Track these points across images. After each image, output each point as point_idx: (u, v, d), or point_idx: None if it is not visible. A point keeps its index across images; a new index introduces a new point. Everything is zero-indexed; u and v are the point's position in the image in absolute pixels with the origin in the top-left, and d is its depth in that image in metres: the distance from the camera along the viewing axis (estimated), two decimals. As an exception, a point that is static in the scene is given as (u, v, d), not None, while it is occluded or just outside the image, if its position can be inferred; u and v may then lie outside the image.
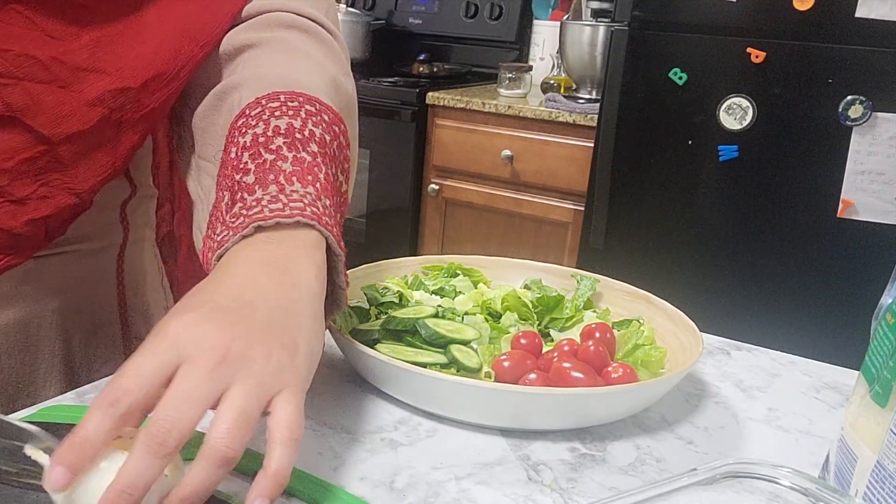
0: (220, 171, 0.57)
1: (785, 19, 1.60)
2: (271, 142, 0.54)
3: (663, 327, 0.70)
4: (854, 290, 1.62)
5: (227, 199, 0.54)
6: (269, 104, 0.56)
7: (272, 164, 0.52)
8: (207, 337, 0.42)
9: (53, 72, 0.57)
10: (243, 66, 0.61)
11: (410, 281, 0.76)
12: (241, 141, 0.55)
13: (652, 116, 1.77)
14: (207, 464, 0.40)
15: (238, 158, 0.54)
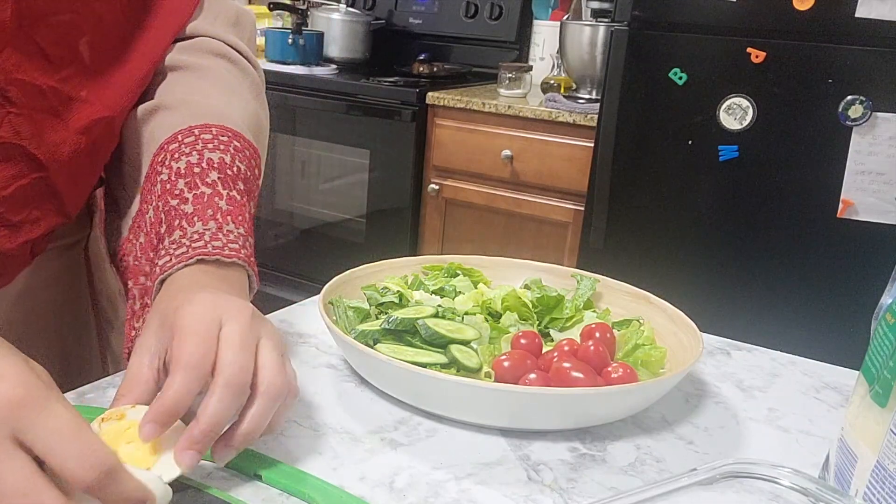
0: (149, 187, 0.61)
1: (785, 19, 1.60)
2: (207, 175, 0.59)
3: (663, 327, 0.70)
4: (854, 290, 1.62)
5: (164, 223, 0.58)
6: (202, 135, 0.61)
7: (209, 198, 0.58)
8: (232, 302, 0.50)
9: (51, 100, 0.59)
10: (174, 88, 0.65)
11: (410, 281, 0.76)
12: (174, 166, 0.60)
13: (652, 116, 1.77)
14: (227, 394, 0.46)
15: (172, 183, 0.59)
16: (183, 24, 0.67)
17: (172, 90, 0.65)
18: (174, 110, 0.63)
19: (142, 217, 0.61)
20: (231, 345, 0.47)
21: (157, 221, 0.59)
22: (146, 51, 0.65)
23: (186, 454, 0.45)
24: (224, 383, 0.46)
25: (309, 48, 2.51)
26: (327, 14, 2.64)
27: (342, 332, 0.62)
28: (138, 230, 0.61)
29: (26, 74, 0.57)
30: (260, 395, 0.47)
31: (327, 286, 0.70)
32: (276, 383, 0.48)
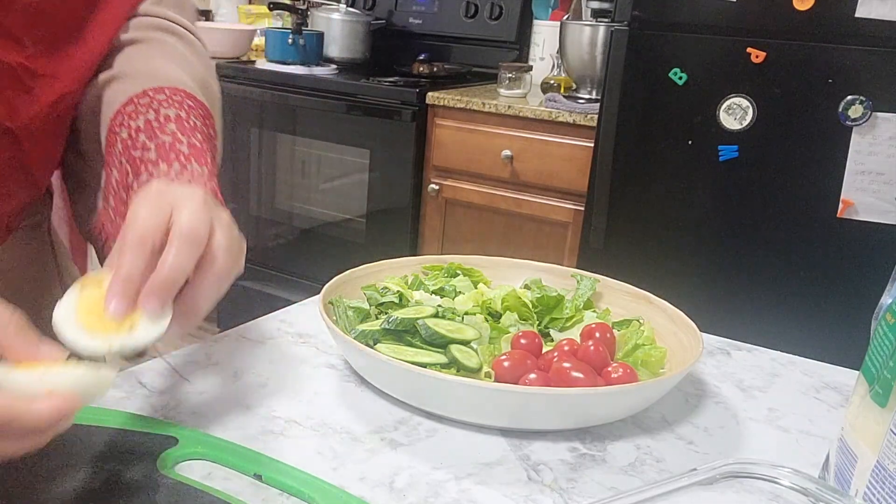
0: (110, 150, 0.64)
1: (785, 19, 1.60)
2: (164, 127, 0.62)
3: (663, 327, 0.70)
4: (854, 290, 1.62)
5: (130, 174, 0.61)
6: (156, 96, 0.64)
7: (171, 145, 0.61)
8: (182, 188, 0.54)
9: (22, 77, 0.62)
10: (126, 59, 0.68)
11: (410, 281, 0.76)
12: (132, 124, 0.63)
13: (652, 116, 1.77)
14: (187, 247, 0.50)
15: (133, 139, 0.62)
16: (131, 12, 0.70)
17: (125, 62, 0.68)
18: (127, 79, 0.66)
19: (108, 181, 0.64)
20: (186, 210, 0.51)
21: (124, 175, 0.62)
22: (103, 28, 0.68)
23: (150, 299, 0.48)
24: (179, 234, 0.50)
25: (309, 48, 2.51)
26: (327, 14, 2.64)
27: (342, 332, 0.62)
28: (108, 195, 0.64)
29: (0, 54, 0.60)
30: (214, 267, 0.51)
31: (327, 286, 0.70)
32: (225, 263, 0.51)
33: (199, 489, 0.48)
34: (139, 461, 0.49)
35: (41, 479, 0.47)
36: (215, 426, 0.56)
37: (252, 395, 0.61)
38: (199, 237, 0.50)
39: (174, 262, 0.49)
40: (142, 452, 0.50)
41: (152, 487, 0.47)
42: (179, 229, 0.50)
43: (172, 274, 0.49)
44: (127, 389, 0.61)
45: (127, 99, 0.65)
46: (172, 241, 0.50)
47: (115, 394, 0.60)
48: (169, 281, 0.49)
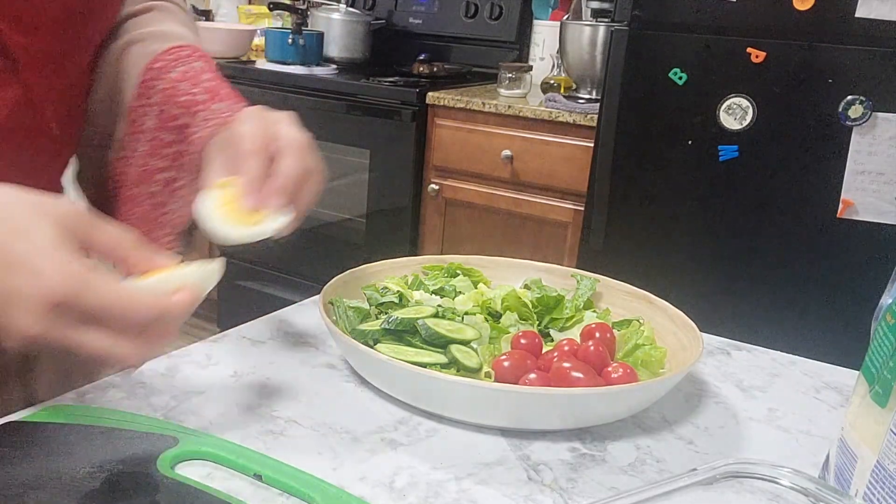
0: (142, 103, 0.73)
1: (785, 19, 1.60)
2: (200, 76, 0.73)
3: (663, 327, 0.70)
4: (854, 290, 1.62)
5: (180, 118, 0.71)
6: (181, 52, 0.74)
7: (214, 88, 0.72)
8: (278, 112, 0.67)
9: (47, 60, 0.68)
10: (139, 26, 0.77)
11: (410, 281, 0.76)
12: (168, 77, 0.72)
13: (652, 116, 1.77)
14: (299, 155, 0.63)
15: (174, 88, 0.72)
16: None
17: (139, 27, 0.77)
18: (149, 41, 0.75)
19: (139, 130, 0.73)
20: (288, 126, 0.64)
21: (168, 119, 0.72)
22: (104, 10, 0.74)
23: (276, 197, 0.60)
24: (292, 144, 0.63)
25: (309, 48, 2.51)
26: (327, 14, 2.64)
27: (342, 332, 0.62)
28: (136, 143, 0.74)
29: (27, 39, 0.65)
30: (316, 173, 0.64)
31: (327, 286, 0.70)
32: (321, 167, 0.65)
33: (199, 489, 0.48)
34: (139, 461, 0.49)
35: (41, 479, 0.47)
36: (215, 426, 0.56)
37: (252, 395, 0.61)
38: (306, 146, 0.64)
39: (293, 166, 0.62)
40: (142, 452, 0.50)
41: (152, 487, 0.47)
42: (291, 140, 0.63)
43: (293, 176, 0.61)
44: (127, 389, 0.61)
45: (153, 57, 0.73)
46: (288, 149, 0.62)
47: (115, 394, 0.60)
48: (290, 181, 0.61)
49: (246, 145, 0.62)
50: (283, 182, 0.61)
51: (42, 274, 0.45)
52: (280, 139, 0.63)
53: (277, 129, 0.64)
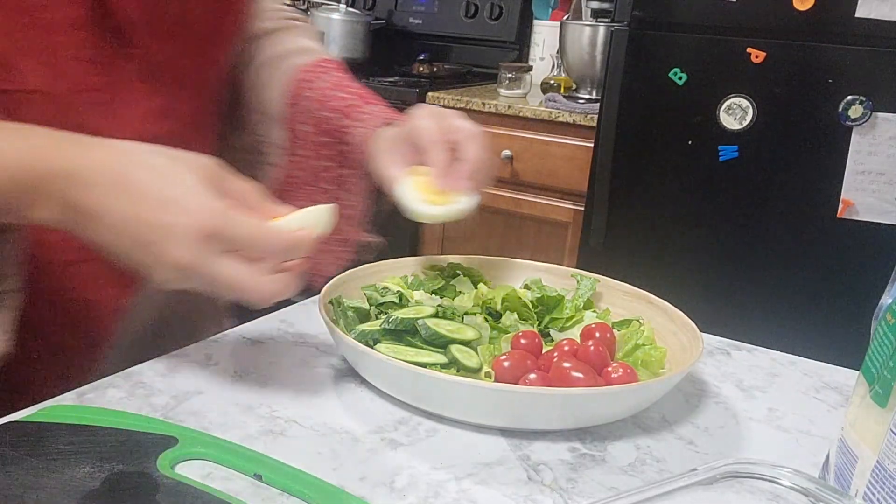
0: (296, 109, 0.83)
1: (785, 19, 1.60)
2: (346, 83, 0.83)
3: (663, 327, 0.70)
4: (854, 290, 1.62)
5: (334, 119, 0.81)
6: (324, 63, 0.84)
7: (362, 94, 0.82)
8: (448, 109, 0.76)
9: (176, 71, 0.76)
10: (280, 43, 0.87)
11: (410, 281, 0.76)
12: (316, 86, 0.82)
13: (652, 116, 1.77)
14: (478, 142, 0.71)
15: (326, 96, 0.82)
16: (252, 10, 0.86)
17: (279, 44, 0.87)
18: (293, 55, 0.85)
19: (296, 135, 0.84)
20: (461, 118, 0.72)
21: (322, 121, 0.82)
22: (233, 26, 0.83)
23: (465, 181, 0.69)
24: (473, 134, 0.71)
25: (309, 48, 2.50)
26: (327, 14, 2.64)
27: (342, 332, 0.62)
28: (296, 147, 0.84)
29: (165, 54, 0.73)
30: None
31: (327, 286, 0.70)
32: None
33: (198, 489, 0.48)
34: (139, 461, 0.49)
35: (41, 478, 0.47)
36: (215, 426, 0.56)
37: (252, 395, 0.61)
38: (482, 135, 0.72)
39: (477, 152, 0.71)
40: (142, 452, 0.50)
41: (152, 487, 0.47)
42: (469, 131, 0.71)
43: (478, 161, 0.70)
44: (127, 389, 0.61)
45: (299, 69, 0.83)
46: (469, 138, 0.71)
47: (115, 394, 0.60)
48: (476, 166, 0.70)
49: (428, 137, 0.70)
50: (471, 167, 0.69)
51: (192, 210, 0.53)
52: (458, 130, 0.71)
53: (453, 122, 0.71)
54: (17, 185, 0.55)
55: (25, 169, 0.55)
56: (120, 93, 0.70)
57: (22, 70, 0.64)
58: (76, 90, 0.67)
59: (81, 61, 0.67)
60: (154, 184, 0.54)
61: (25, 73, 0.65)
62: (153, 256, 0.54)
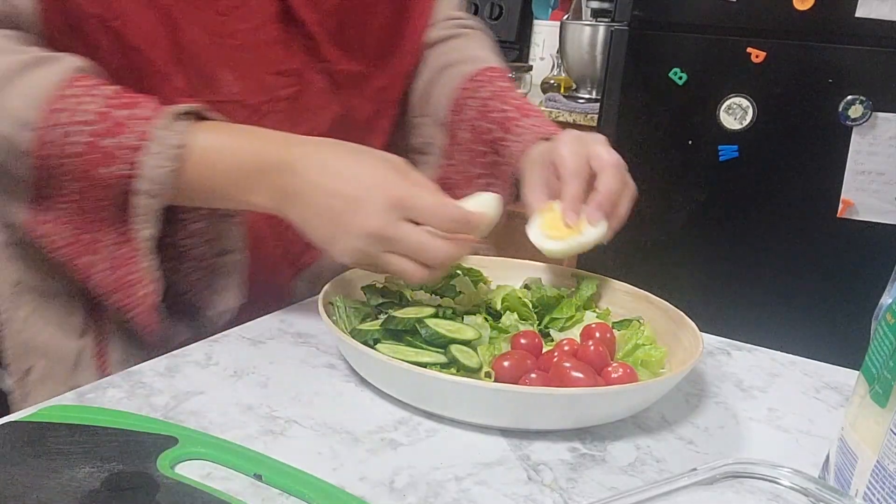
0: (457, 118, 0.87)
1: (785, 19, 1.60)
2: (507, 95, 0.85)
3: (663, 327, 0.70)
4: (854, 290, 1.62)
5: (494, 132, 0.84)
6: (489, 73, 0.88)
7: (521, 106, 0.84)
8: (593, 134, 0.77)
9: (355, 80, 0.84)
10: (452, 51, 0.92)
11: None
12: (479, 95, 0.86)
13: (652, 116, 1.77)
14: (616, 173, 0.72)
15: (486, 106, 0.85)
16: (430, 16, 0.92)
17: (450, 52, 0.92)
18: (461, 64, 0.89)
19: (455, 142, 0.89)
20: (604, 147, 0.73)
21: (482, 132, 0.86)
22: (411, 38, 0.90)
23: (595, 213, 0.70)
24: (609, 165, 0.72)
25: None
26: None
27: (342, 332, 0.62)
28: (454, 153, 0.89)
29: (345, 64, 0.82)
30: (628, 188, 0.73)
31: (327, 286, 0.70)
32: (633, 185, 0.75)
33: (198, 489, 0.48)
34: (139, 461, 0.49)
35: (41, 478, 0.47)
36: (215, 426, 0.56)
37: (252, 395, 0.61)
38: (622, 166, 0.72)
39: (610, 185, 0.71)
40: (142, 452, 0.50)
41: (152, 487, 0.47)
42: (608, 161, 0.72)
43: (609, 194, 0.71)
44: (127, 389, 0.61)
45: (467, 77, 0.87)
46: (605, 169, 0.71)
47: (115, 394, 0.60)
48: (608, 198, 0.71)
49: (568, 167, 0.72)
50: (601, 199, 0.70)
51: (381, 184, 0.62)
52: (597, 159, 0.72)
53: (594, 150, 0.73)
54: (240, 174, 0.65)
55: (247, 161, 0.65)
56: (305, 102, 0.79)
57: (222, 83, 0.74)
58: (266, 100, 0.76)
59: (273, 74, 0.77)
60: (349, 166, 0.64)
61: (224, 86, 0.74)
62: (343, 226, 0.63)
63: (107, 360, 0.78)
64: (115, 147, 0.62)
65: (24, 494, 0.45)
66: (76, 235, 0.66)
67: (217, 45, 0.73)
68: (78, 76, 0.64)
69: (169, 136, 0.63)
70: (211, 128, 0.66)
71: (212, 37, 0.72)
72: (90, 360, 0.77)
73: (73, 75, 0.64)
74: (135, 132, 0.62)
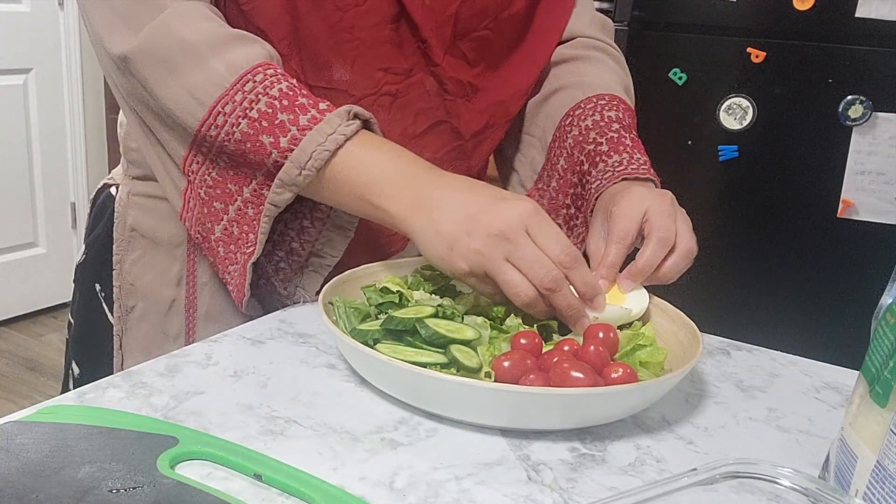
0: (558, 143, 0.87)
1: (785, 19, 1.60)
2: (609, 126, 0.83)
3: (663, 327, 0.70)
4: (854, 290, 1.62)
5: (586, 163, 0.83)
6: (598, 101, 0.86)
7: (618, 140, 0.82)
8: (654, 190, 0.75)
9: (466, 90, 0.85)
10: (569, 73, 0.90)
11: (410, 281, 0.75)
12: (582, 124, 0.85)
13: (652, 116, 1.77)
14: (658, 247, 0.70)
15: (584, 135, 0.84)
16: (559, 35, 0.92)
17: (569, 74, 0.90)
18: (573, 88, 0.88)
19: (552, 167, 0.89)
20: (660, 214, 0.71)
21: (576, 163, 0.85)
22: (533, 54, 0.90)
23: (626, 282, 0.70)
24: (655, 237, 0.70)
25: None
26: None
27: (342, 332, 0.62)
28: (549, 178, 0.89)
29: (455, 73, 0.84)
30: (678, 251, 0.71)
31: (327, 286, 0.70)
32: (690, 246, 0.72)
33: (198, 489, 0.48)
34: (139, 461, 0.49)
35: (41, 479, 0.47)
36: (215, 426, 0.56)
37: (252, 395, 0.61)
38: (669, 239, 0.70)
39: (649, 258, 0.70)
40: (142, 452, 0.50)
41: (152, 487, 0.47)
42: (656, 232, 0.70)
43: (646, 267, 0.70)
44: (127, 389, 0.61)
45: (575, 104, 0.86)
46: (651, 240, 0.70)
47: (115, 394, 0.60)
48: (642, 271, 0.70)
49: (616, 232, 0.71)
50: (636, 270, 0.70)
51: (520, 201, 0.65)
52: (651, 227, 0.71)
53: (649, 217, 0.71)
54: (385, 177, 0.68)
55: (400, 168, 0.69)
56: (408, 101, 0.82)
57: (332, 72, 0.78)
58: (371, 93, 0.80)
59: (381, 70, 0.80)
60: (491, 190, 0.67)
61: (334, 75, 0.79)
62: (472, 226, 0.64)
63: (195, 312, 0.85)
64: (289, 121, 0.69)
65: (24, 494, 0.45)
66: (220, 182, 0.73)
67: (333, 36, 0.77)
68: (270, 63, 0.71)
69: (339, 122, 0.68)
70: (372, 137, 0.71)
71: (329, 29, 0.77)
72: (181, 308, 0.84)
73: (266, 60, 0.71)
74: (310, 114, 0.69)
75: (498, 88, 0.87)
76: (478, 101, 0.86)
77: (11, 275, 2.93)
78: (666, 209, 0.72)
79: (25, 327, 2.98)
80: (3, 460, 0.48)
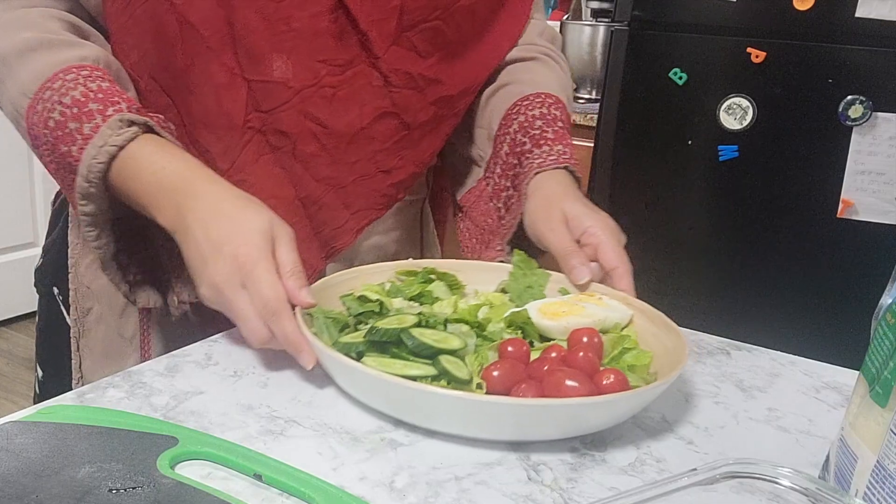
0: (503, 131, 0.90)
1: (785, 19, 1.60)
2: (555, 121, 0.88)
3: (644, 329, 0.69)
4: (854, 290, 1.62)
5: (528, 143, 0.87)
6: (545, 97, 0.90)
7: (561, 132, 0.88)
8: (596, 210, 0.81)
9: (417, 82, 0.84)
10: (517, 72, 0.93)
11: (388, 288, 0.74)
12: (529, 113, 0.88)
13: (652, 116, 1.77)
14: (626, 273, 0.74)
15: (530, 123, 0.88)
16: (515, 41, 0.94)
17: (516, 73, 0.93)
18: (520, 84, 0.91)
19: (496, 154, 0.90)
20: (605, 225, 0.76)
21: (516, 144, 0.88)
22: (487, 52, 0.91)
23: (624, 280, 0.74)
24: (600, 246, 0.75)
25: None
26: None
27: (326, 346, 0.59)
28: (494, 165, 0.91)
29: (403, 65, 0.82)
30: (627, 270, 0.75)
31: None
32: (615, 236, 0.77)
33: (198, 489, 0.48)
34: (139, 461, 0.49)
35: (41, 479, 0.47)
36: (215, 426, 0.56)
37: (252, 395, 0.61)
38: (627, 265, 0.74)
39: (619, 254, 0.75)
40: (142, 452, 0.50)
41: (152, 487, 0.47)
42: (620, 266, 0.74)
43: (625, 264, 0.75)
44: (127, 389, 0.61)
45: (523, 96, 0.89)
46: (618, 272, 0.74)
47: (115, 394, 0.60)
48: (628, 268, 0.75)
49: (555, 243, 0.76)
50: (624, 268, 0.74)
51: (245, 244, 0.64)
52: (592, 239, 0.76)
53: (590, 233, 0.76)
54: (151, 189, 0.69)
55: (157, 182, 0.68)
56: (350, 93, 0.81)
57: (271, 65, 0.78)
58: (311, 85, 0.79)
59: (319, 62, 0.79)
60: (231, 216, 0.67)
61: (273, 68, 0.78)
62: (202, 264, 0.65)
63: (148, 313, 0.85)
64: (76, 131, 0.70)
65: (24, 494, 0.45)
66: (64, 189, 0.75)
67: (269, 28, 0.77)
68: (83, 65, 0.72)
69: (112, 136, 0.68)
70: (151, 142, 0.71)
71: (265, 20, 0.77)
72: (134, 310, 0.85)
73: (78, 63, 0.72)
74: (92, 124, 0.69)
75: (451, 83, 0.87)
76: (430, 92, 0.85)
77: (11, 275, 2.93)
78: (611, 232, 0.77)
79: (25, 327, 2.98)
80: (3, 460, 0.48)
